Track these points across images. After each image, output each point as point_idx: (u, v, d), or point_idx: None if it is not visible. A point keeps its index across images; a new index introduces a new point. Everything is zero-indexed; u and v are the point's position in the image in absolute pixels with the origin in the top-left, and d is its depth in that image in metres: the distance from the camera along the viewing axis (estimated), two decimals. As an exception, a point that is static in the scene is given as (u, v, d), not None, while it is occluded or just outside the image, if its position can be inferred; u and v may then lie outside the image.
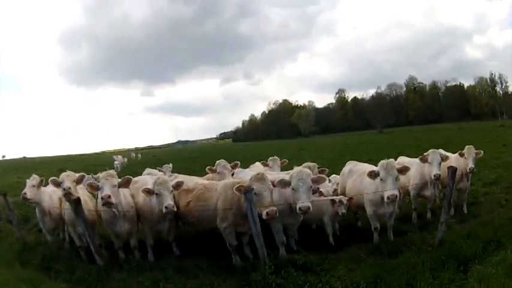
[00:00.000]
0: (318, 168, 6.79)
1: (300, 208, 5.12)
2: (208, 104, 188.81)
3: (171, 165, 9.95)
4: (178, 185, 5.87)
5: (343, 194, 6.79)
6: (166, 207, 5.34)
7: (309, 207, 5.11)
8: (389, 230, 6.15)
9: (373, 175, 5.76)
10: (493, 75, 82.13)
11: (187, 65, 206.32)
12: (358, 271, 4.75)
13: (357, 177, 6.61)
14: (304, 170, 5.44)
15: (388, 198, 5.51)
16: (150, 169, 9.06)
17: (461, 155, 7.43)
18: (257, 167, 7.87)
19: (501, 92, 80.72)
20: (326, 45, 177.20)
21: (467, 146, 7.50)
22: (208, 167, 7.39)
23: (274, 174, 6.50)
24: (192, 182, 6.49)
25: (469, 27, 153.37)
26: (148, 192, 5.58)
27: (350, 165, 7.21)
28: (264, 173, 5.56)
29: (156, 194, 5.48)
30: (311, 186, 5.36)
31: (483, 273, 4.25)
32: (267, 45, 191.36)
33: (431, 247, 5.28)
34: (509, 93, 79.97)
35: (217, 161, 7.32)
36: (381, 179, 5.64)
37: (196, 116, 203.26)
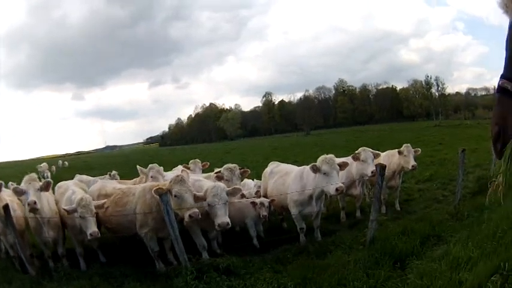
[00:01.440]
0: (240, 169, 7.19)
1: (218, 225, 5.49)
2: (136, 108, 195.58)
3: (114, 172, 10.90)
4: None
5: (265, 195, 7.19)
6: (91, 235, 5.68)
7: (227, 224, 5.50)
8: (317, 230, 6.55)
9: (315, 169, 6.12)
10: (429, 78, 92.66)
11: (118, 68, 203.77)
12: (285, 273, 4.98)
13: (278, 178, 7.06)
14: (219, 185, 5.85)
15: (336, 190, 5.94)
16: (80, 175, 9.47)
17: (400, 153, 8.04)
18: (178, 170, 8.33)
19: (437, 93, 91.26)
20: (256, 49, 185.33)
21: (405, 144, 8.11)
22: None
23: (195, 177, 7.00)
24: (110, 186, 7.00)
25: (406, 32, 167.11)
26: (71, 211, 5.86)
27: (271, 166, 7.69)
28: (184, 175, 5.90)
29: (80, 216, 5.75)
30: (227, 201, 5.73)
31: (424, 268, 4.45)
32: (196, 48, 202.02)
33: (363, 245, 5.61)
34: (446, 94, 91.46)
35: (150, 165, 7.70)
36: (324, 173, 6.04)
37: (125, 120, 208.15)
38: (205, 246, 6.01)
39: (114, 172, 10.76)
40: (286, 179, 6.78)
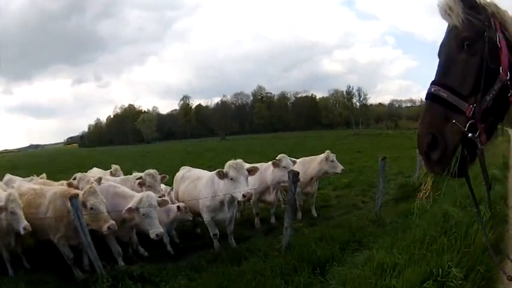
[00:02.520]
0: (159, 174, 7.48)
1: (156, 235, 5.76)
2: (58, 106, 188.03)
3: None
4: None
5: (177, 200, 7.58)
6: (24, 229, 5.70)
7: (162, 233, 5.92)
8: (231, 236, 6.90)
9: (221, 175, 6.47)
10: (351, 88, 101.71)
11: (45, 62, 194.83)
12: (200, 280, 5.16)
13: (189, 183, 7.46)
14: (151, 195, 6.04)
15: (243, 196, 6.24)
16: (11, 175, 9.35)
17: (327, 158, 8.64)
18: (94, 173, 8.66)
19: (358, 103, 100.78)
20: (177, 51, 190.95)
21: (327, 151, 8.71)
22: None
23: (110, 182, 7.23)
24: (25, 186, 7.19)
25: (331, 43, 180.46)
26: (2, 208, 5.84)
27: (183, 171, 8.11)
28: (95, 186, 6.09)
29: (11, 212, 5.79)
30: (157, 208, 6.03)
31: (346, 274, 4.62)
32: (120, 47, 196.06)
33: (279, 252, 5.83)
34: (368, 105, 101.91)
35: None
36: (231, 179, 6.38)
37: (48, 118, 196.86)
38: (120, 253, 6.22)
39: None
40: (197, 184, 7.14)
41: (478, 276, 3.90)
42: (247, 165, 7.45)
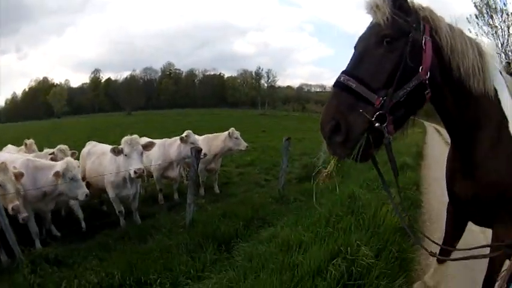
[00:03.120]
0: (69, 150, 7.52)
1: (86, 195, 5.70)
2: None
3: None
4: None
5: (84, 176, 7.31)
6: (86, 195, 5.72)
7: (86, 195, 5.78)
8: (135, 213, 6.96)
9: (116, 152, 6.48)
10: (260, 70, 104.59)
11: None
12: (110, 260, 5.03)
13: (95, 159, 7.41)
14: (72, 160, 6.00)
15: (135, 172, 6.26)
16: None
17: (231, 135, 8.75)
18: (10, 150, 8.46)
19: (266, 85, 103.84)
20: (94, 23, 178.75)
21: (231, 128, 8.86)
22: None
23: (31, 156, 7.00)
24: None
25: (246, 25, 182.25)
26: None
27: (89, 147, 8.02)
28: (6, 163, 5.70)
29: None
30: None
31: (251, 251, 4.65)
32: (44, 16, 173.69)
33: (183, 228, 5.86)
34: (276, 87, 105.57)
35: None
36: (125, 155, 6.42)
37: None
38: (37, 234, 6.00)
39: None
40: (102, 160, 7.11)
41: (391, 255, 3.93)
42: (144, 140, 7.63)
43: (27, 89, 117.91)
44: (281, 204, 7.13)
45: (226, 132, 8.84)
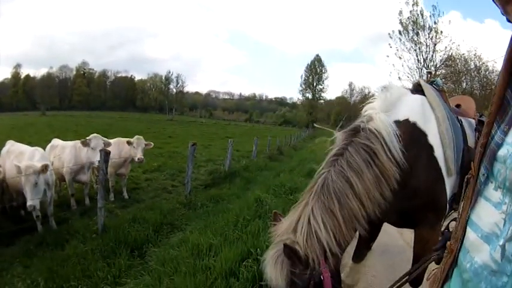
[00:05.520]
0: None
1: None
2: None
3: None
4: None
5: (4, 177, 7.31)
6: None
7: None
8: (51, 218, 6.79)
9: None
10: (170, 74, 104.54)
11: None
12: (33, 267, 4.97)
13: (14, 158, 7.20)
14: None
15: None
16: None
17: (129, 143, 8.55)
18: None
19: (174, 90, 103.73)
20: (21, 13, 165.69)
21: (136, 136, 8.66)
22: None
23: None
24: None
25: (159, 29, 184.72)
26: None
27: (8, 145, 7.86)
28: None
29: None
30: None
31: (164, 255, 4.73)
32: None
33: (96, 234, 5.85)
34: (184, 92, 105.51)
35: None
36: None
37: None
38: None
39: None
40: (21, 160, 6.85)
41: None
42: (58, 143, 8.17)
43: None
44: (189, 210, 7.28)
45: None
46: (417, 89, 2.99)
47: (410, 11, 34.78)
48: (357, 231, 2.34)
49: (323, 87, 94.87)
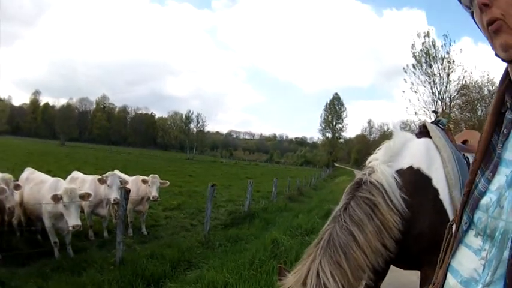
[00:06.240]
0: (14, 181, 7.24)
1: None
2: None
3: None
4: None
5: (22, 202, 7.40)
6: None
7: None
8: (69, 247, 6.85)
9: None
10: (191, 113, 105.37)
11: None
12: None
13: (34, 186, 7.30)
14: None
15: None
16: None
17: (144, 182, 8.72)
18: None
19: (195, 129, 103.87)
20: (43, 40, 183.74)
21: (151, 175, 8.79)
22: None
23: None
24: None
25: (180, 66, 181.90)
26: None
27: (27, 172, 7.99)
28: None
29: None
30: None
31: None
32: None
33: (113, 266, 5.92)
34: (205, 132, 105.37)
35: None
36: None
37: None
38: None
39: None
40: (41, 188, 7.00)
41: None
42: (78, 176, 8.36)
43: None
44: (207, 248, 7.31)
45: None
46: (422, 132, 3.09)
47: (423, 43, 34.32)
48: (363, 279, 2.46)
49: (342, 126, 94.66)
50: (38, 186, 7.16)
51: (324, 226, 2.53)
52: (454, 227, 1.21)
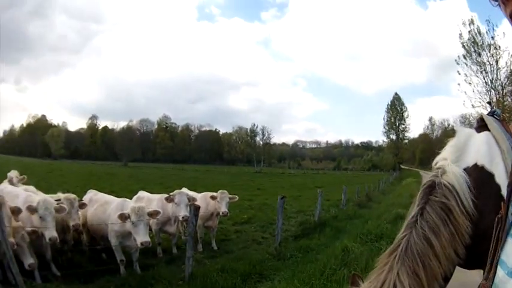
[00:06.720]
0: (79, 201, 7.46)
1: (49, 239, 5.96)
2: None
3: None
4: None
5: (85, 223, 7.61)
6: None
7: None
8: (136, 263, 7.03)
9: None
10: (255, 127, 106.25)
11: None
12: None
13: (98, 207, 7.55)
14: (48, 200, 6.27)
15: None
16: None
17: (213, 198, 8.83)
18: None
19: (261, 142, 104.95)
20: (92, 67, 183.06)
21: (220, 191, 8.90)
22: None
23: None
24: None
25: (239, 80, 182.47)
26: None
27: (91, 194, 8.32)
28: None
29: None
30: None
31: None
32: (44, 52, 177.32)
33: (182, 281, 6.01)
34: (271, 144, 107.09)
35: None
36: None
37: None
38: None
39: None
40: (107, 208, 7.24)
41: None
42: (144, 195, 8.63)
43: (24, 124, 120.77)
44: (278, 260, 7.28)
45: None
46: (481, 125, 2.90)
47: (469, 31, 33.22)
48: None
49: (405, 127, 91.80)
50: (103, 207, 7.41)
51: (399, 233, 2.41)
52: (501, 219, 1.25)
